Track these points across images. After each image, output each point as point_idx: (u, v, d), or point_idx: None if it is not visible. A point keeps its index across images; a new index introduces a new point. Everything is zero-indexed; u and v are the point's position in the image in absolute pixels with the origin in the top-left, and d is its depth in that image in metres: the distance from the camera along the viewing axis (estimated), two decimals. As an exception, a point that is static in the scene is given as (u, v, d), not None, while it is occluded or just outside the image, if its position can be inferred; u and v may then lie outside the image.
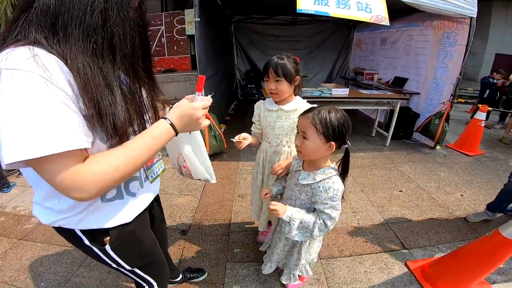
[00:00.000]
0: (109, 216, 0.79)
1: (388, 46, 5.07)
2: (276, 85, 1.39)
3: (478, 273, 1.56)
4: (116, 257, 0.86)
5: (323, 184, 1.10)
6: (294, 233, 1.17)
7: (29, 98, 0.50)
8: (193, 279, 1.67)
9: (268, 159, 1.61)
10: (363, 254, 1.95)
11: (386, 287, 1.69)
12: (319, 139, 1.03)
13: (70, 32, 0.56)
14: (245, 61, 6.40)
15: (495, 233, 1.45)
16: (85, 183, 0.57)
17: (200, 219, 2.29)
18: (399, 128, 4.16)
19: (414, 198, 2.73)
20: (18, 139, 0.50)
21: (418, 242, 2.09)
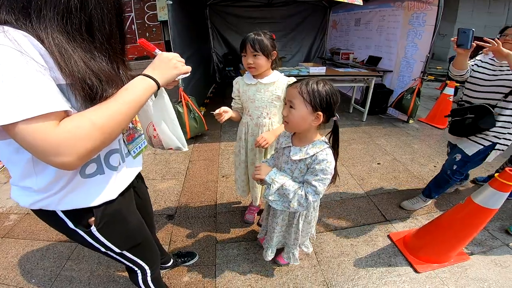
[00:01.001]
0: (91, 193, 0.75)
1: (362, 26, 5.16)
2: (254, 59, 1.41)
3: (455, 243, 1.66)
4: (103, 240, 0.83)
5: (317, 156, 1.09)
6: (272, 198, 1.17)
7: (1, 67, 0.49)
8: (184, 263, 1.67)
9: (251, 133, 1.63)
10: (347, 228, 2.04)
11: (373, 259, 1.78)
12: (305, 108, 1.02)
13: (44, 15, 0.57)
14: (222, 44, 6.30)
15: (468, 200, 1.55)
16: (62, 143, 0.53)
17: (185, 203, 2.28)
18: (375, 104, 4.37)
19: (391, 170, 2.89)
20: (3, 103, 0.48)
21: (398, 214, 2.21)
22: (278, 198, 1.19)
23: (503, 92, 1.67)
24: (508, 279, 1.62)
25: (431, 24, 3.62)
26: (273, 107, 1.55)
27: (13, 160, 0.66)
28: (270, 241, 1.52)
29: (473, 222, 1.54)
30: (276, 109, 1.57)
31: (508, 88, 1.65)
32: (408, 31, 4.02)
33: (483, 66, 1.80)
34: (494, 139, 1.76)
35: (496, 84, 1.71)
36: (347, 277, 1.63)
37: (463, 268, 1.70)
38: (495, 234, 1.99)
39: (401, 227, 2.05)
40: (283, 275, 1.64)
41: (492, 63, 1.76)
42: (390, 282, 1.60)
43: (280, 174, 1.18)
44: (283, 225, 1.43)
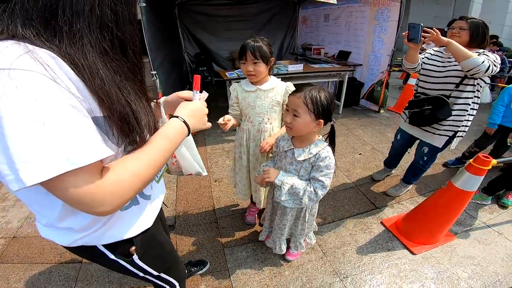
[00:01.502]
0: (130, 224, 0.75)
1: (331, 22, 5.37)
2: (254, 67, 1.44)
3: (442, 224, 1.84)
4: (144, 266, 0.83)
5: (320, 154, 1.21)
6: (284, 198, 1.25)
7: (36, 104, 0.41)
8: (197, 272, 1.67)
9: (252, 138, 1.66)
10: (343, 218, 2.17)
11: (372, 245, 1.92)
12: (309, 116, 1.12)
13: (76, 30, 0.48)
14: (193, 44, 6.16)
15: (449, 185, 1.73)
16: (107, 197, 0.51)
17: (183, 211, 2.26)
18: (348, 96, 4.63)
19: (372, 159, 3.10)
20: (36, 156, 0.41)
21: (385, 200, 2.40)
22: (289, 197, 1.28)
23: (454, 82, 1.77)
24: (493, 255, 1.83)
25: (395, 19, 3.90)
26: (273, 113, 1.59)
27: (48, 204, 0.60)
28: (280, 237, 1.59)
29: (455, 204, 1.73)
30: (276, 114, 1.62)
31: (458, 78, 1.75)
32: (375, 26, 4.27)
33: (433, 59, 1.91)
34: (455, 128, 1.89)
35: (447, 75, 1.81)
36: (353, 265, 1.76)
37: (452, 247, 1.90)
38: (471, 213, 2.25)
39: (391, 213, 2.24)
40: (294, 270, 1.72)
41: (441, 55, 1.88)
42: (392, 265, 1.76)
43: (287, 175, 1.26)
44: (291, 220, 1.52)
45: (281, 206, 1.45)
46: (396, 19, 3.88)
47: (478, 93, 1.81)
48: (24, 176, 0.41)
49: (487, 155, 1.58)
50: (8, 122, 0.40)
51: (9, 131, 0.40)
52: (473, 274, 1.69)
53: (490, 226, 2.10)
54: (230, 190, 2.51)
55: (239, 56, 1.48)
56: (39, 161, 0.42)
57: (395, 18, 3.88)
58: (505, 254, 1.83)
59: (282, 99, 1.57)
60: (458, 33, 1.75)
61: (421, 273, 1.70)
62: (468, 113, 1.84)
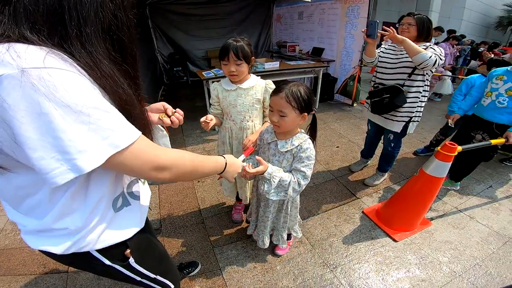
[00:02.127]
0: (124, 226, 0.74)
1: (305, 19, 5.48)
2: (237, 67, 1.45)
3: (419, 210, 1.95)
4: (140, 269, 0.83)
5: (302, 145, 1.27)
6: (272, 191, 1.28)
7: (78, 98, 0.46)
8: (190, 273, 1.66)
9: (235, 137, 1.67)
10: (327, 210, 2.25)
11: (357, 235, 2.00)
12: (294, 113, 1.18)
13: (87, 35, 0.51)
14: (167, 44, 6.02)
15: (420, 172, 1.85)
16: (169, 162, 0.64)
17: (168, 214, 2.23)
18: (323, 91, 4.77)
19: (349, 151, 3.22)
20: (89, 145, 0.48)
21: (364, 190, 2.51)
22: (275, 190, 1.30)
23: (407, 72, 1.96)
24: (468, 239, 1.97)
25: (364, 16, 4.06)
26: (254, 110, 1.62)
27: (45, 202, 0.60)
28: (264, 230, 1.62)
29: (428, 190, 1.85)
30: (257, 112, 1.64)
31: (410, 68, 1.94)
32: (346, 23, 4.42)
33: (387, 52, 2.09)
34: (410, 114, 2.08)
35: (400, 66, 1.98)
36: (341, 255, 1.83)
37: (429, 233, 2.03)
38: (443, 199, 2.42)
39: (371, 202, 2.35)
40: (285, 264, 1.76)
41: (394, 49, 2.06)
42: (377, 253, 1.85)
43: (275, 168, 1.28)
44: (273, 212, 1.56)
45: (264, 198, 1.48)
46: (365, 16, 4.04)
47: (427, 82, 2.02)
48: (82, 163, 0.48)
49: (453, 142, 1.71)
50: (58, 117, 0.44)
51: (60, 125, 0.44)
52: (452, 258, 1.81)
53: (462, 211, 2.27)
54: (215, 190, 2.50)
55: (220, 57, 1.47)
56: (92, 149, 0.48)
57: (365, 15, 4.04)
58: (479, 238, 1.98)
59: (262, 97, 1.60)
60: (407, 28, 1.93)
61: (404, 259, 1.80)
62: (420, 100, 2.05)
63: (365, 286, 1.62)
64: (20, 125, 0.43)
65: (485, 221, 2.15)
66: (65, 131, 0.45)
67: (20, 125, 0.43)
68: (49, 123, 0.44)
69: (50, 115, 0.43)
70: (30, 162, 0.46)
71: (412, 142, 3.45)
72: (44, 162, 0.46)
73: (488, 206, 2.32)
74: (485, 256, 1.82)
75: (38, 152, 0.45)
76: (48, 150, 0.45)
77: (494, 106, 2.14)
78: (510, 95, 2.05)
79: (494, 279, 1.66)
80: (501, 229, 2.06)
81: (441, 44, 5.62)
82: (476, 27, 14.05)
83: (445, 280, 1.66)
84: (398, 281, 1.65)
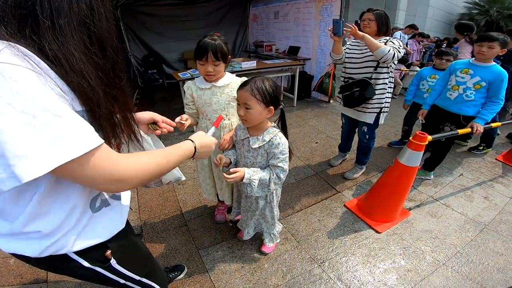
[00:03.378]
0: (102, 227, 0.71)
1: (280, 19, 5.53)
2: (214, 67, 1.43)
3: (397, 200, 2.00)
4: (123, 270, 0.79)
5: (273, 141, 1.28)
6: (255, 190, 1.31)
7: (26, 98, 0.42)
8: (176, 278, 1.61)
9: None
10: (310, 206, 2.27)
11: (340, 228, 2.03)
12: (259, 106, 1.19)
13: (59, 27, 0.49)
14: (140, 47, 5.84)
15: (395, 162, 1.91)
16: (129, 172, 0.57)
17: (148, 219, 2.15)
18: (300, 89, 4.84)
19: (328, 146, 3.29)
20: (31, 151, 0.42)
21: (344, 184, 2.56)
22: (259, 188, 1.33)
23: (372, 65, 2.06)
24: (446, 227, 2.05)
25: (337, 14, 4.15)
26: (230, 108, 1.59)
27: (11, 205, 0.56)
28: (246, 221, 1.64)
29: (404, 180, 1.92)
30: (233, 110, 1.61)
31: (375, 62, 2.03)
32: (320, 21, 4.51)
33: (353, 48, 2.18)
34: (380, 105, 2.18)
35: (365, 60, 2.08)
36: (327, 249, 1.85)
37: (409, 223, 2.10)
38: (419, 189, 2.51)
39: (351, 195, 2.40)
40: (273, 262, 1.75)
41: (359, 45, 2.15)
42: (362, 245, 1.88)
43: (252, 171, 1.30)
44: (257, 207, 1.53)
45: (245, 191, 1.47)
46: (338, 14, 4.13)
47: (392, 74, 2.15)
48: (20, 171, 0.42)
49: (423, 131, 1.78)
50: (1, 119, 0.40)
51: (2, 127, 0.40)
52: (434, 247, 1.87)
53: (437, 200, 2.37)
54: (196, 192, 2.45)
55: (198, 56, 1.42)
56: (35, 156, 0.43)
57: (338, 13, 4.14)
58: (456, 226, 2.06)
59: None
60: (368, 23, 2.04)
61: (389, 250, 1.84)
62: (387, 91, 2.16)
63: (354, 278, 1.64)
64: None
65: (460, 208, 2.25)
66: (7, 135, 0.41)
67: None
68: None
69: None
70: None
71: (387, 135, 3.58)
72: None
73: (462, 194, 2.44)
74: (464, 244, 1.89)
75: None
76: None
77: (462, 100, 2.22)
78: (477, 88, 2.14)
79: (477, 267, 1.72)
80: (476, 216, 2.16)
81: (408, 41, 5.89)
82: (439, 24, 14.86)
83: (430, 270, 1.70)
84: (385, 272, 1.68)
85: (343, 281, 1.62)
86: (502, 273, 1.68)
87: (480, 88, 2.13)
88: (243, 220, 1.68)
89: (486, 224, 2.07)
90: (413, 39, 5.99)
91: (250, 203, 1.54)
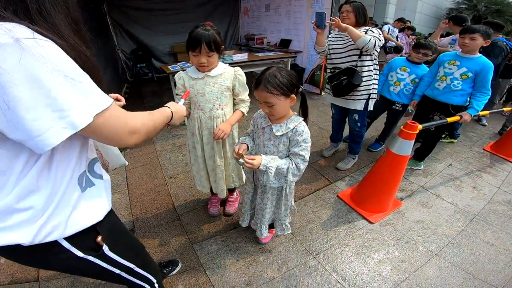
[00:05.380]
0: (91, 207, 0.71)
1: (272, 12, 5.48)
2: (208, 58, 1.40)
3: (388, 190, 2.01)
4: (117, 258, 0.79)
5: (297, 128, 1.23)
6: (272, 180, 1.27)
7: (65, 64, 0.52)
8: (171, 273, 1.59)
9: (204, 126, 1.61)
10: (303, 197, 2.27)
11: (334, 219, 2.03)
12: (280, 100, 1.14)
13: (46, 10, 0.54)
14: (128, 41, 5.70)
15: (387, 151, 1.92)
16: (139, 124, 0.69)
17: (140, 214, 2.11)
18: None
19: (320, 137, 3.30)
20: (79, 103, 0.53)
21: (337, 175, 2.57)
22: (275, 178, 1.28)
23: (356, 53, 2.12)
24: (437, 217, 2.08)
25: (328, 7, 4.14)
26: (224, 98, 1.57)
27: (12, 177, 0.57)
28: (262, 219, 1.58)
29: (396, 169, 1.93)
30: (226, 99, 1.59)
31: (358, 50, 2.09)
32: (312, 14, 4.48)
33: (336, 39, 2.23)
34: (368, 91, 2.24)
35: (349, 49, 2.13)
36: (322, 241, 1.85)
37: (401, 213, 2.12)
38: (410, 179, 2.55)
39: (344, 186, 2.41)
40: (268, 254, 1.74)
41: (341, 35, 2.20)
42: (356, 236, 1.89)
43: (269, 158, 1.24)
44: (273, 200, 1.51)
45: (261, 185, 1.44)
46: (329, 7, 4.12)
47: (376, 61, 2.22)
48: (76, 119, 0.52)
49: (414, 121, 1.80)
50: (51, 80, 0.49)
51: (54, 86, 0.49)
52: (426, 237, 1.89)
53: (428, 190, 2.40)
54: (188, 185, 2.42)
55: (191, 47, 1.37)
56: (81, 107, 0.53)
57: (329, 6, 4.13)
58: (447, 216, 2.09)
59: (231, 84, 1.55)
60: (346, 15, 2.10)
61: (382, 241, 1.85)
62: (373, 77, 2.23)
63: (349, 270, 1.65)
64: (15, 87, 0.45)
65: (450, 198, 2.29)
66: (58, 91, 0.50)
67: (15, 87, 0.45)
68: (44, 85, 0.48)
69: (44, 78, 0.48)
70: (22, 125, 0.48)
71: (377, 126, 3.58)
72: (38, 123, 0.49)
73: (451, 184, 2.49)
74: (455, 234, 1.92)
75: (32, 113, 0.48)
76: (42, 109, 0.49)
77: (450, 89, 2.28)
78: (464, 79, 2.19)
79: (468, 257, 1.74)
80: (466, 206, 2.20)
81: (398, 34, 5.93)
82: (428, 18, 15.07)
83: (423, 260, 1.72)
84: (379, 263, 1.69)
85: (338, 273, 1.63)
86: (493, 263, 1.70)
87: (467, 79, 2.18)
88: (259, 218, 1.61)
89: (475, 214, 2.11)
90: (402, 32, 6.04)
91: (267, 199, 1.48)
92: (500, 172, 2.70)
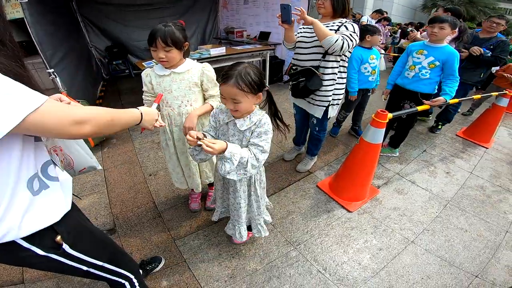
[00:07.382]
0: (46, 210, 0.72)
1: (250, 4, 5.41)
2: (166, 53, 1.38)
3: (364, 178, 2.06)
4: (80, 255, 0.80)
5: (260, 121, 1.22)
6: (233, 170, 1.18)
7: None
8: (154, 269, 1.58)
9: (174, 123, 1.60)
10: (283, 188, 2.30)
11: (314, 209, 2.06)
12: (248, 97, 1.12)
13: None
14: (102, 37, 5.45)
15: (360, 140, 1.97)
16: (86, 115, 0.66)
17: (120, 213, 2.08)
18: (272, 73, 4.86)
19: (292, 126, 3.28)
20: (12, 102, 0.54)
21: (316, 165, 2.61)
22: (235, 168, 1.19)
23: (321, 52, 1.85)
24: (412, 204, 2.15)
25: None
26: (192, 94, 1.55)
27: None
28: (239, 219, 1.53)
29: (370, 157, 1.99)
30: (195, 95, 1.57)
31: (323, 49, 1.79)
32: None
33: (303, 33, 1.96)
34: (327, 98, 1.99)
35: (314, 46, 1.86)
36: (302, 231, 1.89)
37: (378, 201, 2.18)
38: (386, 166, 2.62)
39: (323, 175, 2.47)
40: (250, 247, 1.76)
41: (309, 30, 1.90)
42: (335, 225, 1.94)
43: (233, 145, 1.19)
44: (244, 198, 1.47)
45: (231, 183, 1.42)
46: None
47: (344, 63, 1.96)
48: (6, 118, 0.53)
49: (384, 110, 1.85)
50: None
51: None
52: (402, 225, 1.95)
53: (403, 176, 2.48)
54: (168, 182, 2.40)
55: (148, 42, 1.38)
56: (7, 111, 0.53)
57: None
58: (422, 202, 2.16)
59: (199, 80, 1.54)
60: (322, 3, 1.81)
61: (361, 229, 1.90)
62: (337, 82, 1.98)
63: (330, 259, 1.69)
64: None
65: (425, 184, 2.38)
66: None
67: None
68: None
69: None
70: None
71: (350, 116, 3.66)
72: None
73: (426, 170, 2.59)
74: (430, 221, 1.98)
75: None
76: None
77: (418, 78, 2.36)
78: (432, 68, 2.27)
79: (443, 244, 1.81)
80: (439, 192, 2.29)
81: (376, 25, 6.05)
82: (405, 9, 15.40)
83: (400, 248, 1.77)
84: (359, 252, 1.74)
85: (319, 263, 1.67)
86: (468, 250, 1.76)
87: (434, 67, 2.26)
88: (235, 220, 1.55)
89: (448, 200, 2.20)
90: (379, 23, 6.18)
91: (240, 198, 1.44)
92: (472, 157, 2.83)
